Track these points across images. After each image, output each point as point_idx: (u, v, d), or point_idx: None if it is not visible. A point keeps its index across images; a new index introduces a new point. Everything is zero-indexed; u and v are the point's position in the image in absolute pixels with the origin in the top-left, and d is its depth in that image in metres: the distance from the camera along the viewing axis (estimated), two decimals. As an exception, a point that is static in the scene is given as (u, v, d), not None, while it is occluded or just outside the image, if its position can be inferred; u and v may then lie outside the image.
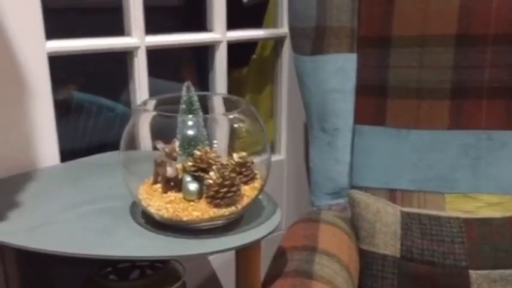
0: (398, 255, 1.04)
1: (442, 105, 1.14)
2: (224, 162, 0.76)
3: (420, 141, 1.15)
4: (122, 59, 1.30)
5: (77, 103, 1.33)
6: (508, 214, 1.08)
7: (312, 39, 1.09)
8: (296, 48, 1.12)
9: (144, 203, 0.75)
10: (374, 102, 1.18)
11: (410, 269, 1.03)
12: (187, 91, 0.78)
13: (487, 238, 1.04)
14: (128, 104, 1.41)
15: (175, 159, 0.74)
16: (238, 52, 1.36)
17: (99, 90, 1.44)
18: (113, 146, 1.44)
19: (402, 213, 1.09)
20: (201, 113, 0.78)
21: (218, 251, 0.69)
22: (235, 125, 0.75)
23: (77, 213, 0.79)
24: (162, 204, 0.73)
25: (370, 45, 1.16)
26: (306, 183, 1.54)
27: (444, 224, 1.07)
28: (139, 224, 0.76)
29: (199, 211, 0.72)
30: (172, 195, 0.75)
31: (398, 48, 1.14)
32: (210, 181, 0.72)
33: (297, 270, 0.83)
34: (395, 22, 1.13)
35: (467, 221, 1.07)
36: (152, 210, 0.73)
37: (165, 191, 0.76)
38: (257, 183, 0.78)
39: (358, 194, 1.10)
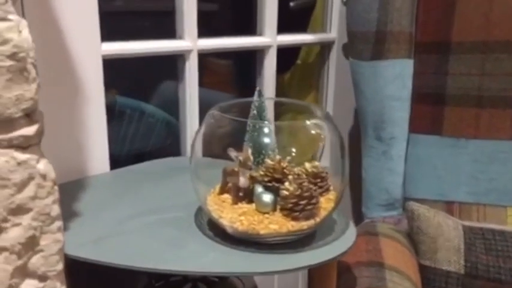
0: (462, 272, 0.99)
1: (504, 115, 1.09)
2: (297, 173, 0.71)
3: (480, 152, 1.10)
4: (162, 62, 1.26)
5: (119, 108, 1.29)
6: None
7: (372, 44, 1.05)
8: (354, 53, 1.08)
9: (215, 215, 0.71)
10: (430, 110, 1.13)
11: (475, 287, 0.98)
12: (258, 96, 0.74)
13: (556, 255, 0.99)
14: (171, 109, 1.37)
15: (250, 168, 0.69)
16: (280, 57, 1.32)
17: (140, 95, 1.41)
18: (154, 152, 1.41)
19: (464, 227, 1.04)
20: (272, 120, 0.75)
21: (302, 268, 0.65)
22: (313, 132, 0.71)
23: (141, 224, 0.75)
24: (235, 216, 0.69)
25: (427, 51, 1.12)
26: (347, 194, 1.50)
27: (509, 239, 1.02)
28: (208, 236, 0.72)
29: (277, 224, 0.67)
30: (243, 206, 0.71)
31: (458, 54, 1.10)
32: (286, 192, 0.68)
33: (371, 288, 0.78)
34: (455, 27, 1.09)
35: (533, 237, 1.02)
36: (225, 222, 0.69)
37: (235, 202, 0.71)
38: (331, 195, 0.74)
39: (417, 207, 1.05)
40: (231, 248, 0.69)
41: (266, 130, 0.72)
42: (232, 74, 1.56)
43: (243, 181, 0.70)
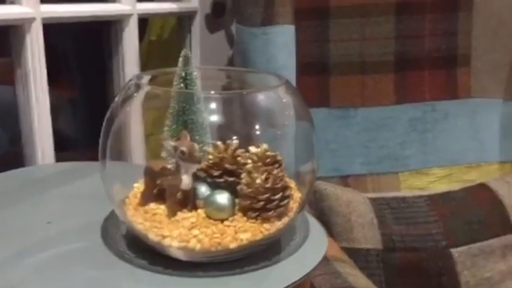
0: (380, 247, 0.93)
1: (386, 80, 1.06)
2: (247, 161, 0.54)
3: (369, 120, 1.06)
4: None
5: None
6: (465, 185, 1.05)
7: (263, 7, 0.90)
8: (243, 19, 0.92)
9: (154, 237, 0.49)
10: (315, 81, 1.05)
11: (395, 260, 0.93)
12: (185, 64, 0.54)
13: (456, 212, 0.99)
14: None
15: (199, 162, 0.49)
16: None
17: None
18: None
19: (370, 200, 0.98)
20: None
21: (296, 282, 0.48)
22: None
23: (32, 268, 0.49)
24: (184, 231, 0.48)
25: (306, 17, 1.02)
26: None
27: (413, 204, 0.99)
28: (142, 267, 0.50)
29: (247, 231, 0.49)
30: (187, 216, 0.50)
31: (337, 19, 1.03)
32: (248, 189, 0.50)
33: (337, 288, 0.65)
34: (333, -11, 1.01)
35: (431, 199, 1.01)
36: (174, 244, 0.48)
37: (173, 213, 0.51)
38: (291, 183, 0.58)
39: (324, 186, 0.96)
40: (186, 276, 0.48)
41: (213, 106, 0.52)
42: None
43: (187, 181, 0.50)
